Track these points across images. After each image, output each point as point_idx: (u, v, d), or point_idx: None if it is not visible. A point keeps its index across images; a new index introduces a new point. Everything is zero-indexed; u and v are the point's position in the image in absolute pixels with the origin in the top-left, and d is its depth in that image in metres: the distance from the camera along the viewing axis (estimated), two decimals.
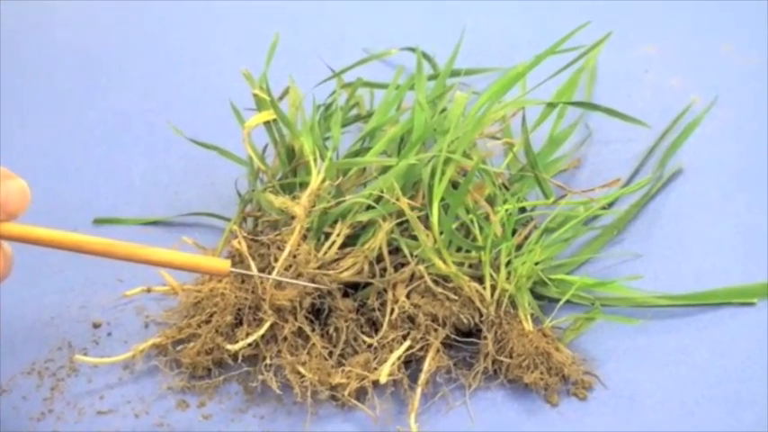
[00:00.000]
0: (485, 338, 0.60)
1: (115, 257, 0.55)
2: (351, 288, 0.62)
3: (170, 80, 0.91)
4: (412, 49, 0.84)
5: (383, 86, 0.80)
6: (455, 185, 0.63)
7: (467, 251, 0.62)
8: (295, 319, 0.60)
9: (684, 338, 0.63)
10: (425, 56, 0.84)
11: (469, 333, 0.61)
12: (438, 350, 0.59)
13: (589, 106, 0.77)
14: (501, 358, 0.60)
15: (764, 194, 0.74)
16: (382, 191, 0.62)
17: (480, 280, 0.61)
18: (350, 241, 0.63)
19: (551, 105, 0.74)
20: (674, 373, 0.61)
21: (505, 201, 0.65)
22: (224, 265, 0.57)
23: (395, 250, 0.62)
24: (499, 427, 0.58)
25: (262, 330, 0.59)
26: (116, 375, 0.61)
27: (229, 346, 0.59)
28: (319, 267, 0.60)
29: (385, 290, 0.61)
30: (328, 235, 0.62)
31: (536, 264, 0.63)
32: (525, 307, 0.61)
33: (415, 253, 0.61)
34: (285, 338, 0.59)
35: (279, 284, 0.60)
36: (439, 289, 0.60)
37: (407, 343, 0.60)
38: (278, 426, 0.58)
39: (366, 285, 0.62)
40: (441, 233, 0.61)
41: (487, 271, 0.61)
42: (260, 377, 0.59)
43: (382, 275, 0.61)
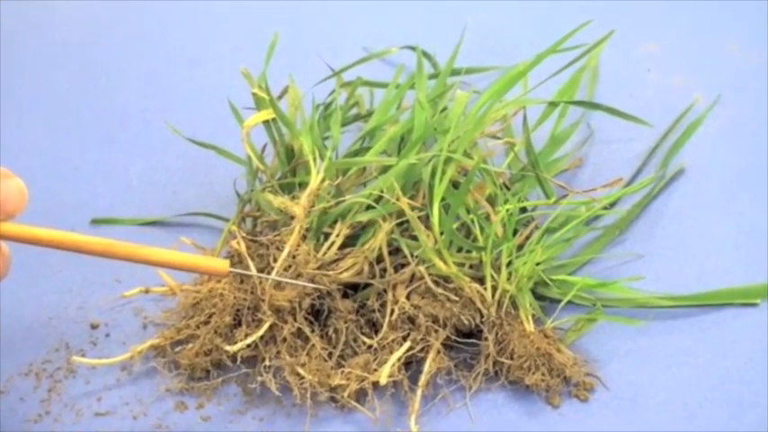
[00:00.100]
0: (486, 339, 0.60)
1: (114, 257, 0.55)
2: (350, 289, 0.62)
3: (168, 79, 0.91)
4: (412, 48, 0.84)
5: (383, 85, 0.79)
6: (456, 185, 0.63)
7: (467, 251, 0.62)
8: (294, 320, 0.59)
9: (687, 339, 0.63)
10: (426, 54, 0.84)
11: (470, 334, 0.61)
12: (438, 351, 0.59)
13: (591, 105, 0.76)
14: (502, 359, 0.59)
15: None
16: (382, 191, 0.62)
17: (481, 280, 0.61)
18: (350, 241, 0.62)
19: (553, 104, 0.74)
20: (677, 375, 0.61)
21: (506, 201, 0.65)
22: (223, 266, 0.56)
23: (395, 251, 0.62)
24: (500, 429, 0.58)
25: (261, 331, 0.59)
26: (114, 377, 0.61)
27: (228, 348, 0.58)
28: (319, 268, 0.60)
29: (385, 290, 0.61)
30: (328, 235, 0.62)
31: (537, 264, 0.63)
32: (526, 308, 0.61)
33: (416, 253, 0.61)
34: (284, 339, 0.59)
35: (278, 285, 0.60)
36: (439, 290, 0.60)
37: (408, 344, 0.59)
38: (277, 427, 0.58)
39: (366, 286, 0.62)
40: (441, 233, 0.60)
41: (488, 271, 0.61)
42: (259, 378, 0.59)
43: (382, 276, 0.61)
